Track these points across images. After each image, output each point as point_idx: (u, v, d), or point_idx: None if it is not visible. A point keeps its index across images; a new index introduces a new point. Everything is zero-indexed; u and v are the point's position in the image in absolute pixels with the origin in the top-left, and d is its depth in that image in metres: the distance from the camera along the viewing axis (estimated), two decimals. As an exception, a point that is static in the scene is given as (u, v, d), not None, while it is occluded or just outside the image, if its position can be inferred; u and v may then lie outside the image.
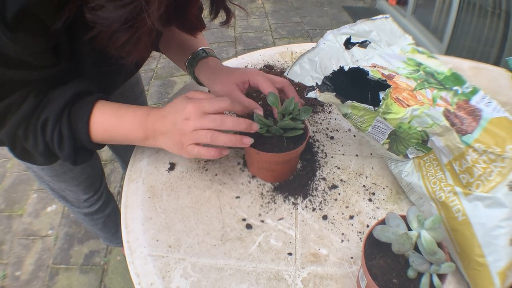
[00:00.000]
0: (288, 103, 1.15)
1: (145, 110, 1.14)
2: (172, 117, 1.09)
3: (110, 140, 1.15)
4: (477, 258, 0.94)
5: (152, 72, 4.79)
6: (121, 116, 1.12)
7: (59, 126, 1.04)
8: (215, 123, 1.06)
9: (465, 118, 0.99)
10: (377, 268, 0.87)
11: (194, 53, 1.42)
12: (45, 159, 1.13)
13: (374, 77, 1.07)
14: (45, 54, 0.96)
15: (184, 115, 1.07)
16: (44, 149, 1.08)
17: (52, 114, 1.02)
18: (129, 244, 1.11)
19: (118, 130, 1.12)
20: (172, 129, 1.09)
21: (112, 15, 0.82)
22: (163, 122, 1.10)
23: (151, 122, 1.12)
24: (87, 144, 1.11)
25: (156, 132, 1.12)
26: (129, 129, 1.13)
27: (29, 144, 1.07)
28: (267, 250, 1.09)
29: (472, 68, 1.75)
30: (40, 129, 1.04)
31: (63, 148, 1.07)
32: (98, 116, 1.09)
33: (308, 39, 5.42)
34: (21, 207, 3.31)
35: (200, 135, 1.06)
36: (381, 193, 1.24)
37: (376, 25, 1.28)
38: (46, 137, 1.05)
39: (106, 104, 1.13)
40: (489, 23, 3.38)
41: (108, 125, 1.11)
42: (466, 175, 0.98)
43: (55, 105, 1.03)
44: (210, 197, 1.23)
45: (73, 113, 1.06)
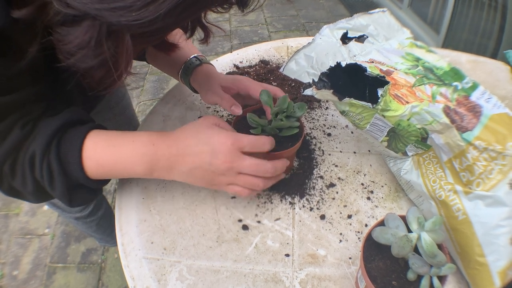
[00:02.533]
0: (282, 101, 1.13)
1: (146, 138, 1.04)
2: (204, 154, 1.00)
3: (108, 175, 1.05)
4: (477, 258, 0.93)
5: (147, 67, 4.78)
6: (116, 147, 1.02)
7: (47, 160, 0.95)
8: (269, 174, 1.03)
9: (465, 115, 0.98)
10: (376, 270, 0.86)
11: (187, 62, 1.39)
12: (36, 198, 1.04)
13: (372, 73, 1.05)
14: (21, 77, 0.91)
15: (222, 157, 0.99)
16: (33, 188, 0.98)
17: (39, 147, 0.94)
18: (123, 247, 1.10)
19: (115, 165, 1.02)
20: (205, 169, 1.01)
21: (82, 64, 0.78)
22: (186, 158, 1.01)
23: (162, 155, 1.02)
24: (84, 181, 1.01)
25: (172, 166, 1.03)
26: (127, 164, 1.03)
27: (16, 182, 0.98)
28: (264, 252, 1.08)
29: (470, 61, 1.74)
30: (28, 166, 0.95)
31: (55, 186, 0.97)
32: (90, 148, 0.99)
33: (304, 33, 5.41)
34: (17, 206, 3.30)
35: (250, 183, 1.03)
36: (380, 191, 1.23)
37: (373, 19, 1.27)
38: (35, 174, 0.96)
39: (101, 134, 1.03)
40: (486, 15, 3.38)
41: (102, 159, 1.01)
42: (466, 173, 0.97)
43: (42, 137, 0.95)
44: (205, 198, 1.21)
45: (62, 145, 0.97)
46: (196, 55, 1.40)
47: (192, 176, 1.03)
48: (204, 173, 1.02)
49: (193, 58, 1.39)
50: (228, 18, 5.78)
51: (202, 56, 1.42)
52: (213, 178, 1.02)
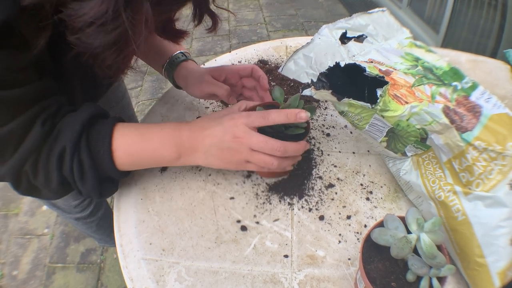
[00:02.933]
0: (293, 100, 1.13)
1: (173, 126, 1.09)
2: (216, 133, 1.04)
3: (136, 164, 1.09)
4: (477, 259, 0.93)
5: (145, 67, 4.78)
6: (145, 135, 1.06)
7: (77, 155, 0.96)
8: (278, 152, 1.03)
9: (465, 115, 0.98)
10: (375, 271, 0.86)
11: (173, 56, 1.40)
12: (55, 195, 1.05)
13: (371, 74, 1.05)
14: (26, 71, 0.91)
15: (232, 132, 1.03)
16: (58, 185, 0.98)
17: (69, 142, 0.94)
18: (122, 248, 1.09)
19: (145, 151, 1.06)
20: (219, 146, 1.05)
21: (96, 40, 0.78)
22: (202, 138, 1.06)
23: (186, 139, 1.07)
24: (112, 173, 1.04)
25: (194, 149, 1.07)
26: (156, 148, 1.06)
27: (39, 181, 0.98)
28: (263, 253, 1.08)
29: (469, 61, 1.74)
30: (56, 162, 0.95)
31: (86, 180, 0.99)
32: (119, 139, 1.02)
33: (303, 32, 5.42)
34: (16, 206, 3.30)
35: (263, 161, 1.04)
36: (379, 192, 1.22)
37: (372, 18, 1.26)
38: (64, 171, 0.97)
39: (128, 125, 1.07)
40: (485, 15, 3.38)
41: (131, 148, 1.04)
42: (466, 174, 0.97)
43: (70, 131, 0.95)
44: (204, 199, 1.21)
45: (92, 140, 0.99)
46: (183, 51, 1.41)
47: (211, 156, 1.07)
48: (220, 152, 1.05)
49: (179, 53, 1.40)
50: (227, 17, 5.79)
51: (188, 52, 1.43)
52: (229, 156, 1.05)
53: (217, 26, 1.10)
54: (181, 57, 1.40)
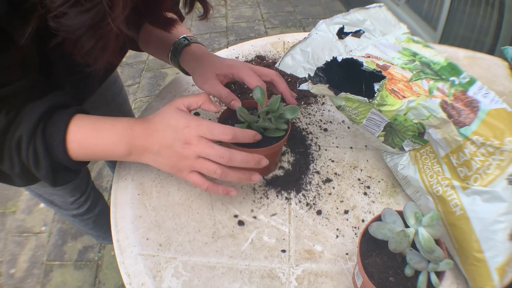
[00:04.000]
0: (273, 101, 1.12)
1: (126, 123, 1.07)
2: (167, 136, 1.03)
3: (90, 157, 1.07)
4: (475, 254, 0.93)
5: (143, 64, 4.79)
6: (98, 131, 1.04)
7: (33, 143, 0.96)
8: (222, 159, 1.01)
9: (463, 110, 0.97)
10: (373, 266, 0.86)
11: (175, 42, 1.37)
12: (23, 181, 1.06)
13: (368, 68, 1.05)
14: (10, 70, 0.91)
15: (182, 137, 1.01)
16: (21, 170, 1.01)
17: (26, 131, 0.95)
18: (119, 243, 1.09)
19: (96, 146, 1.04)
20: (169, 149, 1.03)
21: (75, 21, 0.77)
22: (154, 139, 1.04)
23: (137, 137, 1.05)
24: (66, 163, 1.03)
25: (144, 148, 1.05)
26: (108, 145, 1.05)
27: (5, 166, 1.01)
28: (260, 247, 1.08)
29: (467, 57, 1.74)
30: (15, 148, 0.96)
31: (40, 168, 0.99)
32: (74, 131, 1.01)
33: (301, 29, 5.42)
34: (14, 203, 3.30)
35: (207, 168, 1.02)
36: (377, 187, 1.22)
37: (369, 14, 1.26)
38: (22, 157, 0.98)
39: (84, 118, 1.05)
40: (483, 12, 3.38)
41: (85, 141, 1.03)
42: (464, 169, 0.97)
43: (29, 121, 0.95)
44: (201, 194, 1.21)
45: (48, 129, 0.99)
46: (185, 36, 1.38)
47: (160, 158, 1.05)
48: (169, 155, 1.04)
49: (182, 38, 1.37)
50: (224, 14, 5.79)
51: (192, 36, 1.40)
52: (177, 161, 1.04)
53: (209, 13, 1.09)
54: (184, 42, 1.37)
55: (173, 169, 1.06)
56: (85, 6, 0.75)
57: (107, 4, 0.75)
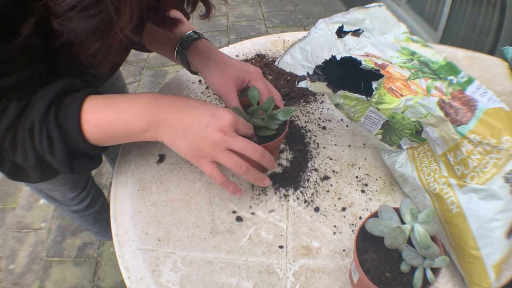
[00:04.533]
0: (266, 102, 1.13)
1: (147, 95, 1.01)
2: (203, 117, 0.99)
3: (107, 137, 1.01)
4: (472, 251, 0.93)
5: (144, 62, 4.78)
6: (116, 105, 0.99)
7: (46, 128, 0.91)
8: (256, 154, 1.01)
9: (460, 109, 0.98)
10: (370, 262, 0.87)
11: (184, 36, 1.31)
12: (39, 174, 1.03)
13: (367, 67, 1.05)
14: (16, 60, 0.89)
15: (220, 124, 0.98)
16: (35, 161, 0.95)
17: (38, 115, 0.90)
18: (118, 238, 1.10)
19: (114, 122, 0.98)
20: (199, 132, 0.98)
21: (80, 26, 0.77)
22: (185, 114, 0.99)
23: (162, 109, 0.99)
24: (84, 147, 0.97)
25: (167, 123, 0.99)
26: (127, 118, 0.98)
27: (18, 157, 0.96)
28: (258, 243, 1.08)
29: (467, 57, 1.74)
30: (28, 136, 0.92)
31: (55, 153, 0.94)
32: (89, 111, 0.95)
33: (302, 28, 5.41)
34: (14, 200, 3.30)
35: (234, 161, 1.00)
36: (374, 184, 1.23)
37: (369, 13, 1.27)
38: (35, 144, 0.93)
39: (98, 98, 0.99)
40: (484, 12, 3.38)
41: (102, 120, 0.96)
42: (461, 167, 0.97)
43: (40, 105, 0.91)
44: (200, 190, 1.22)
45: (61, 111, 0.94)
46: (195, 30, 1.34)
47: (182, 138, 1.00)
48: (196, 138, 0.99)
49: (191, 32, 1.32)
50: (225, 13, 5.78)
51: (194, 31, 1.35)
52: (202, 146, 0.99)
53: (211, 12, 1.07)
54: (194, 35, 1.31)
55: (193, 154, 1.01)
56: (91, 11, 0.74)
57: (114, 11, 0.74)
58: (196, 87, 1.60)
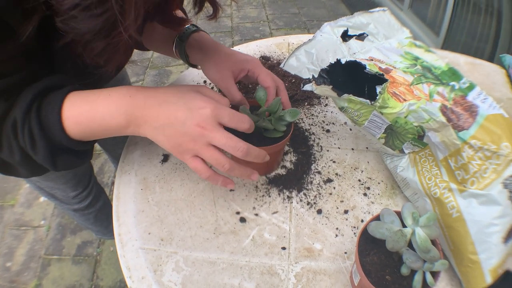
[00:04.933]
0: (274, 103, 1.13)
1: (124, 90, 0.97)
2: (178, 113, 0.94)
3: (88, 133, 0.99)
4: (470, 255, 0.94)
5: (147, 61, 4.78)
6: (93, 102, 0.96)
7: (28, 125, 0.91)
8: (239, 153, 0.95)
9: (462, 114, 0.99)
10: (371, 264, 0.87)
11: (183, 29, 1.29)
12: (26, 169, 1.03)
13: (371, 71, 1.06)
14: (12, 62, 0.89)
15: (198, 119, 0.93)
16: (20, 157, 0.96)
17: (20, 112, 0.90)
18: (120, 237, 1.10)
19: (92, 120, 0.95)
20: (176, 128, 0.94)
21: (84, 25, 0.76)
22: (160, 111, 0.95)
23: (138, 107, 0.95)
24: (67, 143, 0.95)
25: (144, 120, 0.96)
26: (105, 116, 0.95)
27: (4, 154, 0.97)
28: (261, 244, 1.09)
29: (468, 63, 1.75)
30: (12, 133, 0.92)
31: (37, 150, 0.93)
32: (69, 108, 0.93)
33: (305, 31, 5.41)
34: (13, 197, 3.30)
35: (216, 159, 0.96)
36: (376, 188, 1.24)
37: (373, 17, 1.28)
38: (19, 141, 0.93)
39: (78, 94, 0.97)
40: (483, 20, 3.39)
41: (80, 116, 0.94)
42: (461, 172, 0.98)
43: (22, 103, 0.91)
44: (203, 190, 1.22)
45: (43, 109, 0.93)
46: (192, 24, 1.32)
47: (162, 134, 0.96)
48: (175, 134, 0.95)
49: (189, 25, 1.31)
50: (230, 14, 5.78)
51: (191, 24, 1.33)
52: (182, 142, 0.95)
53: (218, 13, 1.05)
54: (192, 28, 1.29)
55: (175, 149, 0.98)
56: (94, 11, 0.74)
57: (118, 11, 0.74)
58: (202, 82, 1.61)
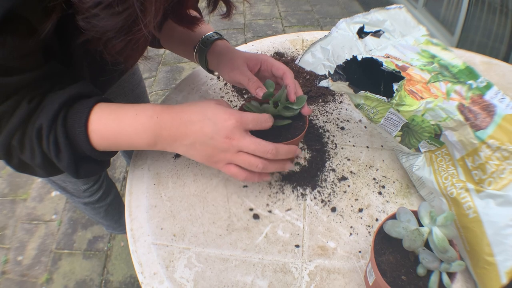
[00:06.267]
0: (280, 92, 1.13)
1: (151, 111, 1.02)
2: (205, 130, 0.99)
3: (113, 147, 1.04)
4: (486, 257, 0.93)
5: (160, 57, 4.80)
6: (121, 121, 1.01)
7: (54, 133, 0.94)
8: (270, 155, 1.00)
9: (479, 113, 0.98)
10: (386, 264, 0.86)
11: (206, 36, 1.34)
12: (45, 172, 1.03)
13: (388, 68, 1.05)
14: (32, 57, 0.90)
15: (224, 132, 0.98)
16: (42, 161, 0.98)
17: (46, 120, 0.93)
18: (132, 232, 1.10)
19: (119, 136, 1.01)
20: (205, 143, 1.00)
21: (106, 23, 0.78)
22: (188, 130, 1.00)
23: (165, 128, 1.00)
24: (90, 153, 1.01)
25: (174, 139, 1.01)
26: (131, 136, 1.01)
27: (25, 156, 0.98)
28: (274, 242, 1.08)
29: (484, 63, 1.74)
30: (36, 138, 0.94)
31: (61, 158, 0.97)
32: (95, 122, 0.98)
33: (318, 28, 5.41)
34: (25, 191, 3.32)
35: (249, 162, 1.01)
36: (391, 187, 1.23)
37: (390, 14, 1.27)
38: (43, 147, 0.96)
39: (105, 107, 1.02)
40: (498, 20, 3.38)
41: (107, 132, 1.00)
42: (478, 172, 0.97)
43: (49, 110, 0.94)
44: (217, 186, 1.22)
45: (69, 118, 0.96)
46: (215, 31, 1.37)
47: (193, 150, 1.02)
48: (205, 148, 1.01)
49: (213, 33, 1.35)
50: (242, 11, 5.78)
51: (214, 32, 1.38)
52: (213, 154, 1.01)
53: (232, 12, 1.08)
54: (215, 36, 1.35)
55: (208, 160, 1.04)
56: (116, 8, 0.75)
57: (139, 8, 0.75)
58: (215, 83, 1.61)
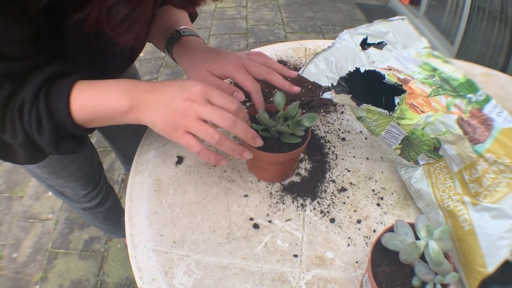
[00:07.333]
0: (292, 108, 1.14)
1: (132, 80, 1.03)
2: (171, 92, 0.99)
3: (92, 117, 1.01)
4: (479, 268, 0.94)
5: (161, 60, 4.80)
6: (101, 88, 1.01)
7: (36, 107, 0.94)
8: (227, 122, 0.97)
9: (478, 127, 0.99)
10: (383, 275, 0.87)
11: (172, 33, 1.33)
12: (27, 153, 1.04)
13: (390, 81, 1.06)
14: (23, 44, 0.90)
15: (188, 94, 0.97)
16: (24, 139, 0.98)
17: (28, 94, 0.93)
18: (132, 238, 1.11)
19: (98, 102, 0.99)
20: (168, 105, 0.98)
21: None
22: (157, 93, 1.00)
23: (141, 91, 1.00)
24: (70, 127, 0.99)
25: (144, 104, 1.00)
26: (111, 100, 0.99)
27: (7, 135, 0.98)
28: (273, 251, 1.09)
29: (483, 74, 1.75)
30: (17, 114, 0.94)
31: (43, 133, 0.96)
32: (77, 93, 0.97)
33: (320, 35, 5.42)
34: (22, 189, 3.32)
35: (206, 131, 0.97)
36: (389, 198, 1.24)
37: (392, 26, 1.28)
38: (24, 123, 0.95)
39: (87, 82, 1.01)
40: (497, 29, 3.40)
41: (87, 100, 0.98)
42: (475, 185, 0.98)
43: (32, 85, 0.93)
44: (217, 194, 1.22)
45: (51, 94, 0.96)
46: (179, 28, 1.35)
47: (157, 115, 0.99)
48: (167, 111, 0.98)
49: (174, 31, 1.34)
50: (245, 16, 5.79)
51: (188, 28, 1.37)
52: (173, 118, 0.98)
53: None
54: (176, 35, 1.33)
55: (168, 127, 1.00)
56: None
57: None
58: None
